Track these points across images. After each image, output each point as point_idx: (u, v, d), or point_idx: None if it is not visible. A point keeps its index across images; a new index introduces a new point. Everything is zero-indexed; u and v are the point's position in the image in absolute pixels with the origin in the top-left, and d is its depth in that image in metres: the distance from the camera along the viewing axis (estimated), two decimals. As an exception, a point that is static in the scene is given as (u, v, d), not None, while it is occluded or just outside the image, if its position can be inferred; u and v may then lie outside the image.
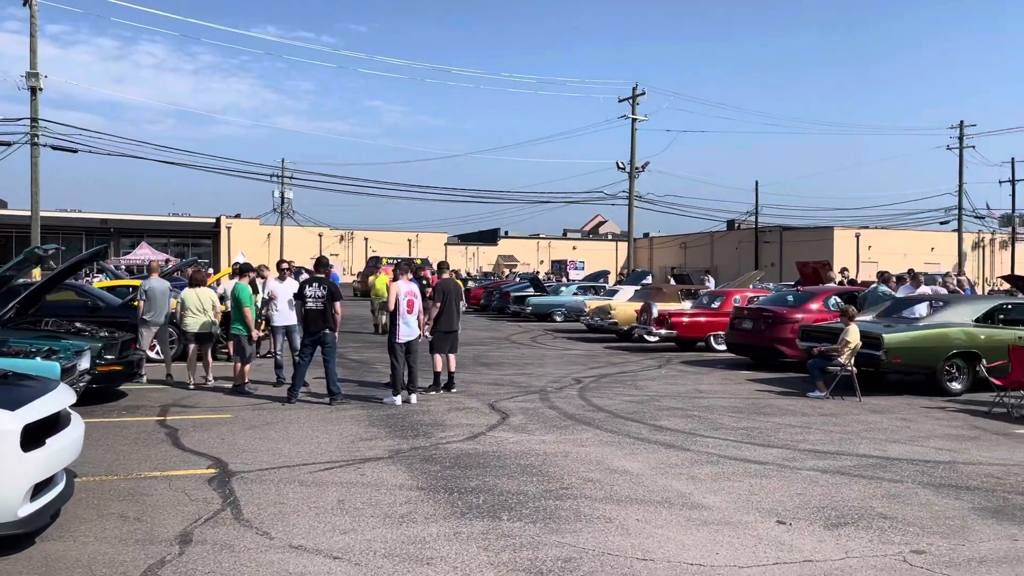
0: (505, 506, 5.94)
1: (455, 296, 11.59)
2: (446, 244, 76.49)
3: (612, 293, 26.17)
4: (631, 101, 43.59)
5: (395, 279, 10.77)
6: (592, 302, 24.05)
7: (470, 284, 40.69)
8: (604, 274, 41.95)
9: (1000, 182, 58.07)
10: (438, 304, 11.39)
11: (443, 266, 12.23)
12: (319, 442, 8.13)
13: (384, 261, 40.69)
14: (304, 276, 13.25)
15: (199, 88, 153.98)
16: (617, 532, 5.38)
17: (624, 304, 21.77)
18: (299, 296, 10.60)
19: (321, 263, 10.95)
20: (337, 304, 10.49)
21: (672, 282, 28.91)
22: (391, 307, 10.53)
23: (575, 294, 29.16)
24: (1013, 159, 57.11)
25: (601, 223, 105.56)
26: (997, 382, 10.58)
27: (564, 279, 46.77)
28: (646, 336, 18.99)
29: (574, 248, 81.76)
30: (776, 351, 14.93)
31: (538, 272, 52.93)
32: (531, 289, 31.33)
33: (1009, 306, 13.30)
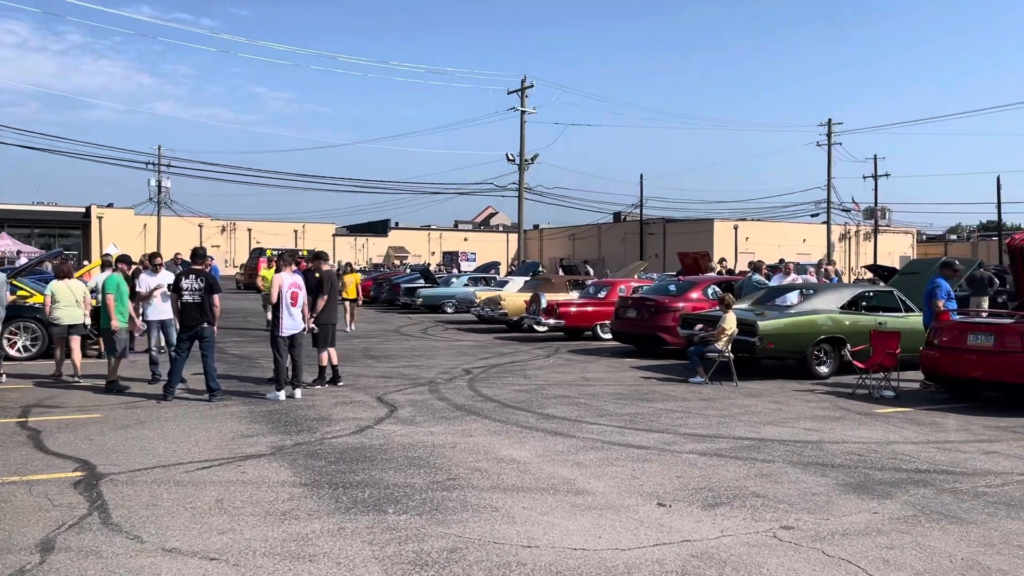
0: (391, 499, 5.87)
1: (337, 288, 11.60)
2: (334, 235, 75.02)
3: (502, 284, 26.35)
4: (520, 93, 43.90)
5: (278, 270, 10.45)
6: (483, 293, 24.14)
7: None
8: (495, 265, 42.21)
9: (864, 177, 61.90)
10: (325, 296, 11.14)
11: (322, 256, 11.83)
12: (197, 440, 7.81)
13: (268, 253, 39.53)
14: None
15: (67, 69, 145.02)
16: (503, 520, 5.41)
17: (514, 295, 21.95)
18: (175, 289, 10.14)
19: (198, 254, 10.50)
20: (215, 297, 10.10)
21: (561, 273, 29.34)
22: (274, 299, 10.22)
23: (466, 285, 29.19)
24: (876, 156, 60.92)
25: (492, 214, 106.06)
26: (860, 365, 11.27)
27: (455, 270, 46.72)
28: (535, 326, 19.22)
29: (465, 239, 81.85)
30: (658, 339, 15.40)
31: (429, 264, 52.65)
32: (422, 281, 31.16)
33: (871, 294, 14.17)
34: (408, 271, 40.26)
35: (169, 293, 10.74)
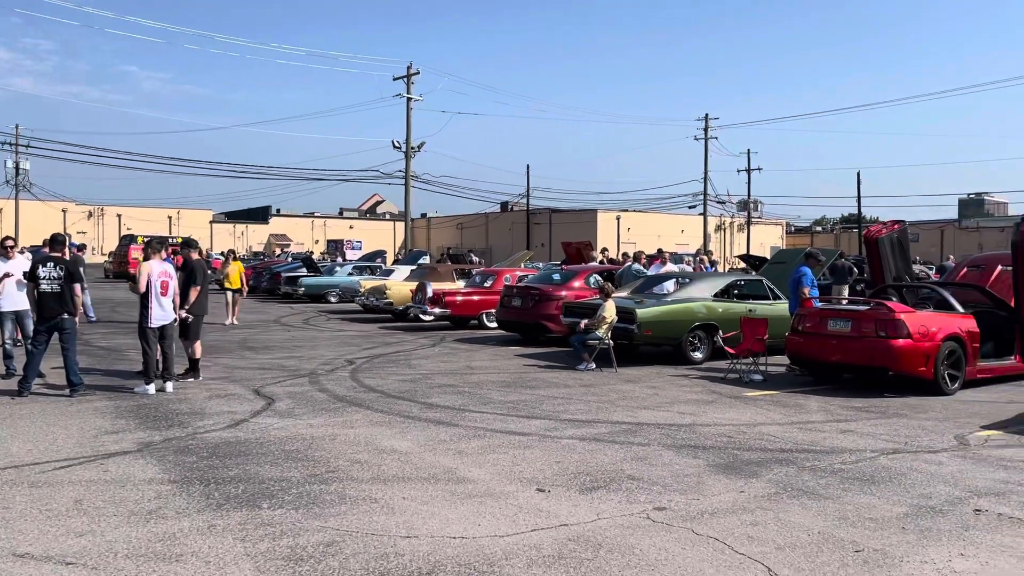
0: (266, 494, 5.70)
1: (208, 278, 11.18)
2: (211, 222, 72.16)
3: (388, 273, 26.03)
4: (406, 80, 43.41)
5: (146, 258, 9.93)
6: (367, 282, 23.77)
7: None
8: (381, 254, 41.62)
9: (738, 171, 64.68)
10: (198, 287, 10.68)
11: (191, 244, 11.29)
12: (55, 438, 7.34)
13: (139, 240, 37.60)
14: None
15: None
16: (382, 512, 5.35)
17: (400, 284, 21.73)
18: (31, 277, 9.48)
19: (57, 240, 9.86)
20: (77, 286, 9.51)
21: (447, 262, 29.28)
22: (142, 289, 9.71)
23: (350, 274, 28.66)
24: (749, 151, 63.76)
25: (379, 202, 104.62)
26: (731, 351, 11.78)
27: (340, 259, 45.80)
28: (421, 315, 19.10)
29: (351, 227, 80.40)
30: (543, 327, 15.61)
31: (312, 252, 51.42)
32: (304, 269, 30.39)
33: (743, 282, 14.82)
34: (290, 259, 39.20)
35: (25, 282, 10.04)
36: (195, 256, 10.96)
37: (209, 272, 12.62)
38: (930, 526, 5.16)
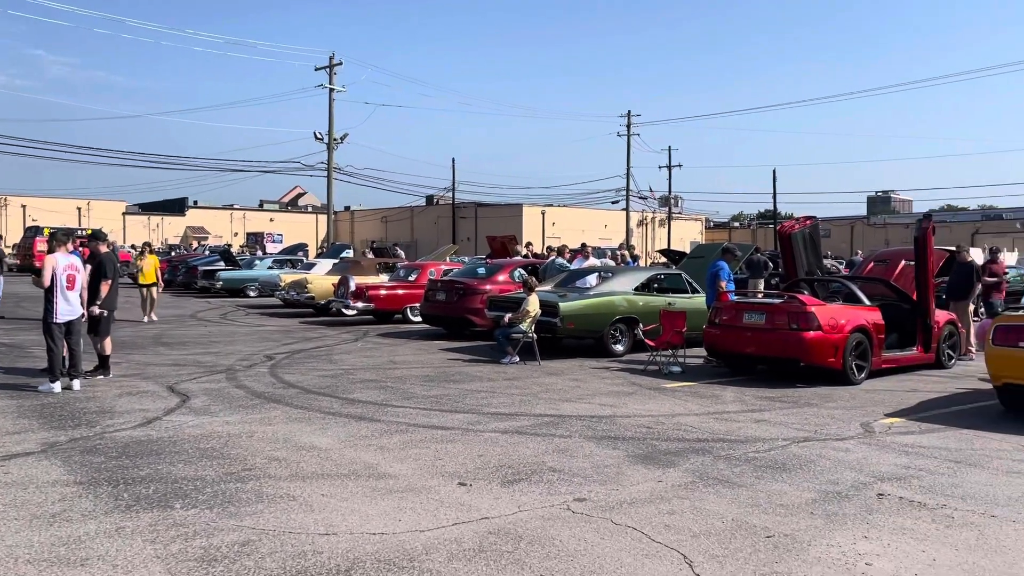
0: (179, 494, 5.53)
1: (118, 272, 10.75)
2: (124, 214, 69.53)
3: (310, 267, 25.58)
4: (328, 70, 42.69)
5: (51, 251, 9.50)
6: (288, 276, 23.34)
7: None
8: (303, 247, 40.89)
9: (660, 167, 65.90)
10: (109, 281, 10.28)
11: (99, 236, 10.82)
12: (-49, 440, 6.96)
13: (46, 232, 35.96)
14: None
15: None
16: (301, 509, 5.26)
17: (321, 278, 21.40)
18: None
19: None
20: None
21: (371, 256, 28.95)
22: (46, 282, 9.28)
23: (270, 268, 28.09)
24: (670, 147, 64.97)
25: (301, 195, 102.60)
26: (651, 343, 12.00)
27: (259, 252, 44.75)
28: (344, 310, 18.85)
29: (271, 220, 78.57)
30: (467, 321, 15.59)
31: (230, 245, 50.10)
32: (222, 263, 29.61)
33: (662, 276, 15.11)
34: (207, 253, 38.12)
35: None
36: (103, 249, 10.54)
37: (120, 265, 12.16)
38: (837, 511, 5.36)
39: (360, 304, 18.21)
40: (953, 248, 14.87)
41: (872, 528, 5.02)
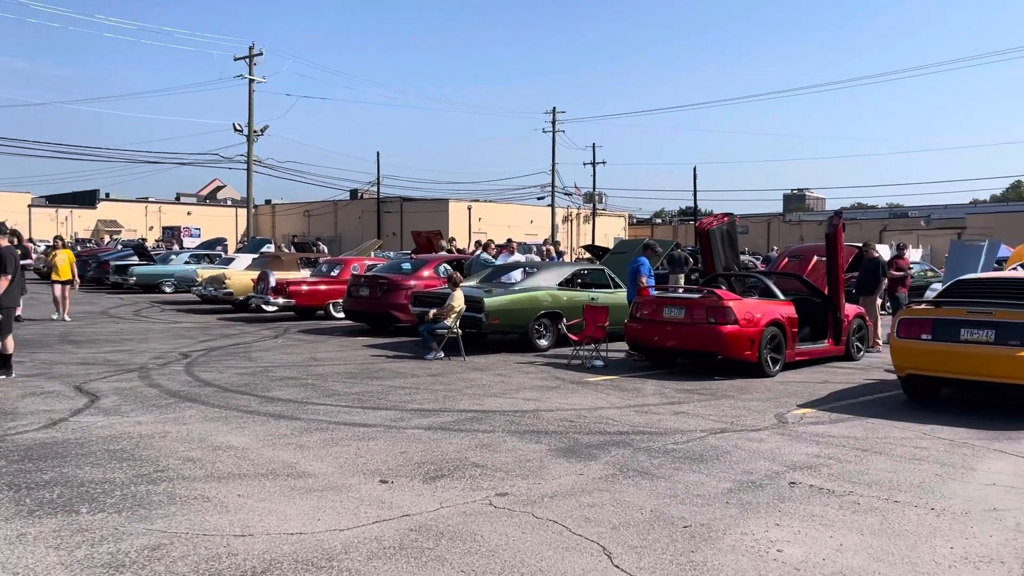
0: (86, 498, 5.31)
1: (18, 267, 10.18)
2: (31, 206, 66.37)
3: (228, 262, 24.91)
4: (248, 61, 41.63)
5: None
6: (205, 271, 22.67)
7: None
8: (221, 241, 39.81)
9: (584, 164, 66.60)
10: (8, 276, 9.78)
11: (0, 228, 10.25)
12: None
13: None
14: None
15: None
16: (215, 511, 5.12)
17: (240, 273, 20.87)
18: None
19: None
20: None
21: (292, 250, 28.40)
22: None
23: (187, 263, 27.25)
24: (594, 144, 65.74)
25: (219, 188, 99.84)
26: (574, 337, 12.12)
27: (176, 247, 43.38)
28: (264, 306, 18.45)
29: (189, 214, 76.21)
30: (391, 316, 15.45)
31: (145, 239, 48.44)
32: (135, 257, 28.58)
33: (586, 271, 15.27)
34: (120, 247, 36.75)
35: None
36: (3, 243, 10.02)
37: (30, 261, 11.57)
38: (751, 500, 5.52)
39: (281, 300, 17.84)
40: (860, 245, 15.50)
41: (784, 516, 5.18)
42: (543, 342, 13.48)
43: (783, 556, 4.48)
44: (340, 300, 17.57)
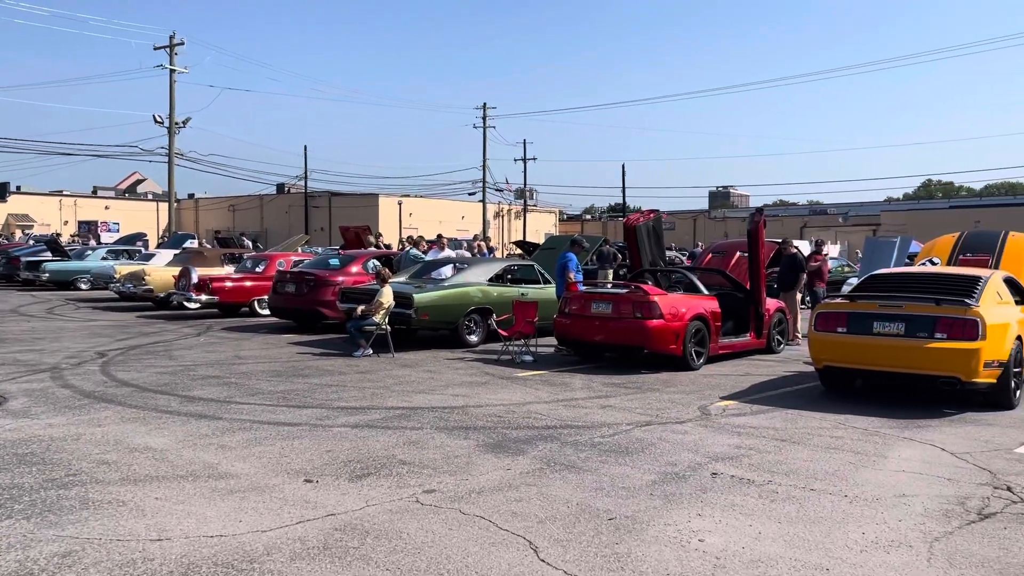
0: (-9, 505, 5.07)
1: None
2: (-66, 199, 62.97)
3: (148, 258, 24.16)
4: (168, 50, 40.37)
5: None
6: (124, 267, 21.93)
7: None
8: (141, 237, 38.54)
9: (515, 160, 66.73)
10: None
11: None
12: None
13: None
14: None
15: None
16: (131, 515, 4.95)
17: (161, 269, 20.25)
18: None
19: None
20: None
21: (215, 246, 27.67)
22: None
23: (104, 259, 26.29)
24: (525, 140, 65.99)
25: (140, 181, 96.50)
26: (504, 333, 12.15)
27: (92, 242, 41.81)
28: (186, 303, 17.93)
29: (107, 208, 73.45)
30: (318, 313, 15.21)
31: (58, 234, 46.54)
32: (48, 253, 27.44)
33: (516, 267, 15.32)
34: (31, 242, 35.22)
35: None
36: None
37: None
38: (674, 491, 5.62)
39: (203, 297, 17.37)
40: (779, 241, 15.96)
41: (706, 506, 5.30)
42: (473, 338, 13.47)
43: (704, 546, 4.58)
44: (265, 297, 17.22)
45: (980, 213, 49.09)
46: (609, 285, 14.11)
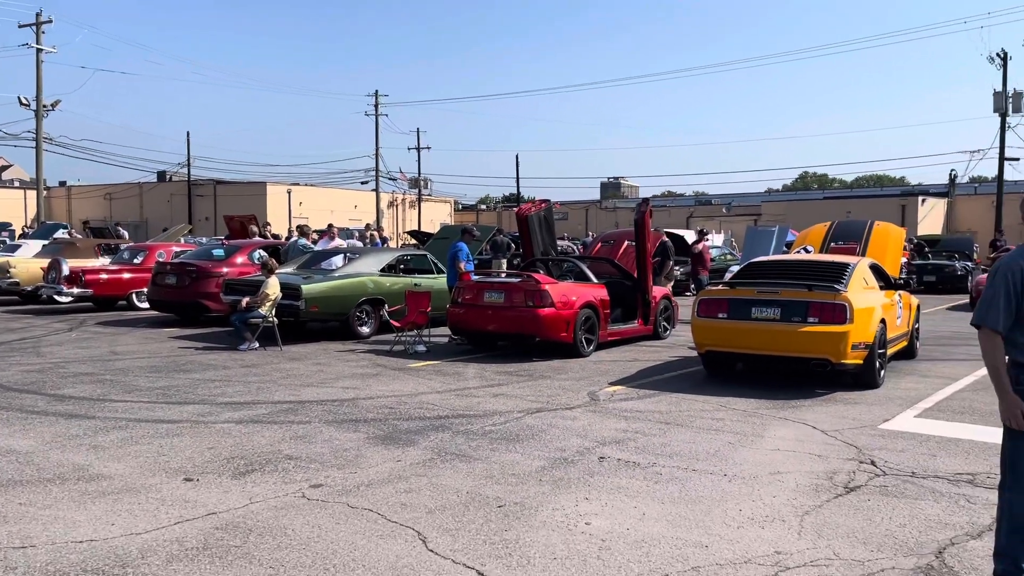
0: None
1: None
2: None
3: (14, 249, 22.61)
4: (35, 28, 37.86)
5: None
6: (-14, 259, 20.44)
7: None
8: (6, 227, 36.10)
9: (409, 149, 66.15)
10: None
11: None
12: None
13: None
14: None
15: None
16: (-9, 523, 4.63)
17: (28, 261, 19.02)
18: None
19: None
20: None
21: (88, 236, 26.19)
22: None
23: (-36, 250, 24.43)
24: (419, 129, 65.48)
25: (5, 167, 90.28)
26: (396, 324, 12.03)
27: (-49, 232, 38.91)
28: (56, 296, 16.92)
29: (-33, 196, 68.41)
30: (201, 306, 14.66)
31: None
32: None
33: (408, 257, 15.18)
34: None
35: None
36: None
37: None
38: (563, 476, 5.71)
39: (76, 290, 16.42)
40: (663, 231, 16.45)
41: (593, 489, 5.40)
42: (365, 329, 13.27)
43: (591, 528, 4.67)
44: (144, 289, 16.43)
45: (851, 204, 51.95)
46: (503, 274, 14.18)
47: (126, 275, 17.16)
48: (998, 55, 38.46)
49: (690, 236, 22.55)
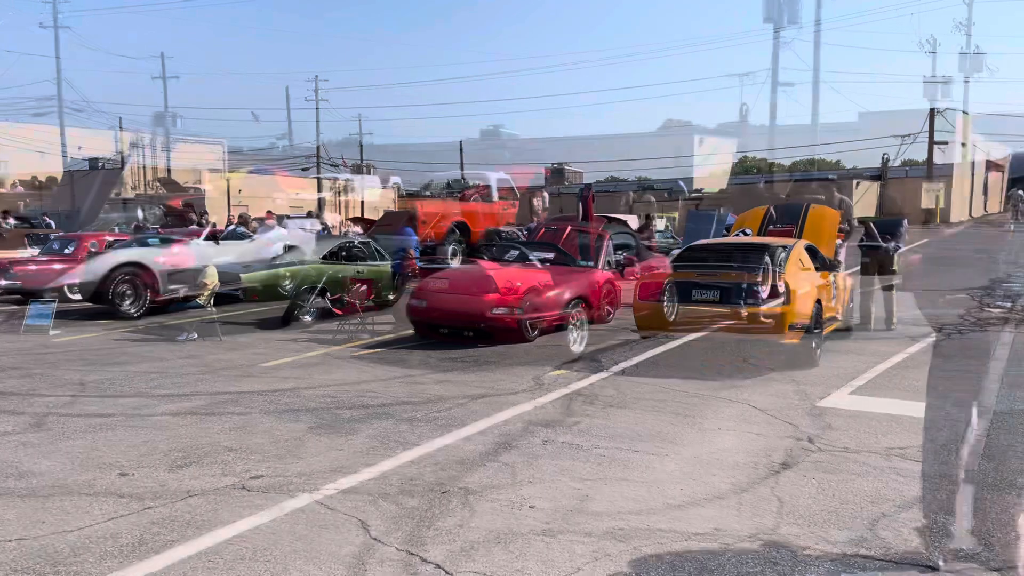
0: None
1: None
2: None
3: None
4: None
5: None
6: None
7: None
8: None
9: (350, 134, 65.22)
10: None
11: None
12: None
13: None
14: None
15: None
16: (-89, 526, 4.44)
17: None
18: None
19: None
20: None
21: (12, 225, 25.23)
22: None
23: None
24: (360, 116, 64.61)
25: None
26: (339, 312, 11.88)
27: None
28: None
29: None
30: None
31: None
32: None
33: (352, 244, 14.99)
34: None
35: None
36: None
37: None
38: (507, 460, 5.72)
39: (2, 282, 15.79)
40: (608, 216, 16.57)
41: (537, 472, 5.43)
42: (307, 318, 13.08)
43: (534, 512, 4.69)
44: (76, 281, 15.89)
45: (789, 187, 53.03)
46: (453, 262, 14.13)
47: (57, 266, 16.56)
48: (927, 41, 39.63)
49: (633, 222, 22.76)
